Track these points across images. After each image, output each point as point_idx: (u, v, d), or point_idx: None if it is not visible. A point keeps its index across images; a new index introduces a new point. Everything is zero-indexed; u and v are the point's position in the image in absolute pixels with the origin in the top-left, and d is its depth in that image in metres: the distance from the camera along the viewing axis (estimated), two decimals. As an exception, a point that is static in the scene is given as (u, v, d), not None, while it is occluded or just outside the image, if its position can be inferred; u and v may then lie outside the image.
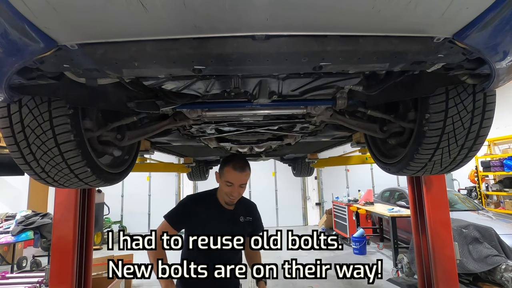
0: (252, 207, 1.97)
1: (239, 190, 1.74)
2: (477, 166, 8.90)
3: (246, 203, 1.96)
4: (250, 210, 1.92)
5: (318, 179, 11.44)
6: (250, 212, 1.91)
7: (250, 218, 1.88)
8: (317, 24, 0.74)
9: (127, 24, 0.71)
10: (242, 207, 1.89)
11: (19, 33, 0.68)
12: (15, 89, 0.97)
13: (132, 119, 1.55)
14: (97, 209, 4.77)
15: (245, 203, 1.94)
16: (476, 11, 0.69)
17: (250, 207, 1.95)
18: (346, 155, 4.34)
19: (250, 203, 2.00)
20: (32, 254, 6.29)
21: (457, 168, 1.49)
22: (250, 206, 1.97)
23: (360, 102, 1.53)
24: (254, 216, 1.91)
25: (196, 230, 1.71)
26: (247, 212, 1.89)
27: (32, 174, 1.32)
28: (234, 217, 1.83)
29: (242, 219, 1.84)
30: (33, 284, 4.05)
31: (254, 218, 1.90)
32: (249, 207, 1.94)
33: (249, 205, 1.97)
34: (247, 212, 1.89)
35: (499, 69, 0.88)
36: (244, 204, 1.92)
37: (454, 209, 6.01)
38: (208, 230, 1.68)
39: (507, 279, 3.82)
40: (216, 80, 1.21)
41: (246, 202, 1.97)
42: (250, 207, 1.95)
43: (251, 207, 1.96)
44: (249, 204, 1.97)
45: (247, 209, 1.91)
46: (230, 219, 1.80)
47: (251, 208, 1.95)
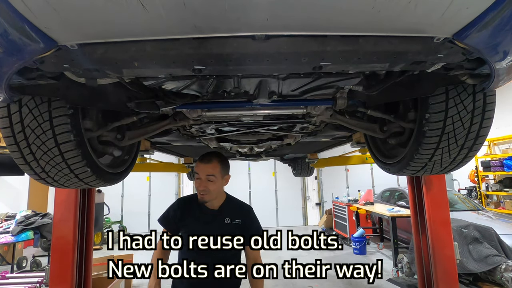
0: (244, 209, 1.83)
1: (206, 184, 1.65)
2: (477, 166, 8.90)
3: (237, 205, 1.84)
4: (241, 213, 1.78)
5: (318, 179, 11.44)
6: (240, 214, 1.77)
7: (239, 221, 1.74)
8: (317, 24, 0.74)
9: (127, 24, 0.71)
10: (231, 209, 1.78)
11: (19, 33, 0.68)
12: (15, 89, 0.97)
13: (132, 119, 1.55)
14: (97, 209, 4.77)
15: (235, 205, 1.83)
16: (476, 11, 0.69)
17: (241, 210, 1.81)
18: (346, 155, 4.34)
19: (243, 206, 1.86)
20: (32, 254, 6.29)
21: (457, 168, 1.49)
22: (242, 208, 1.83)
23: (360, 102, 1.54)
24: (245, 219, 1.76)
25: (182, 231, 1.72)
26: (236, 215, 1.76)
27: (32, 174, 1.32)
28: (217, 218, 1.73)
29: (228, 220, 1.73)
30: (33, 284, 4.05)
31: (245, 221, 1.75)
32: (240, 210, 1.81)
33: (241, 208, 1.83)
34: (236, 214, 1.76)
35: (499, 69, 0.88)
36: (234, 206, 1.81)
37: (454, 209, 6.01)
38: (191, 230, 1.67)
39: (507, 279, 3.82)
40: (216, 80, 1.21)
41: (238, 205, 1.84)
42: (241, 210, 1.81)
43: (243, 210, 1.82)
44: (241, 207, 1.84)
45: (237, 212, 1.78)
46: (211, 221, 1.72)
47: (243, 210, 1.81)
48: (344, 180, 11.55)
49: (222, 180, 1.72)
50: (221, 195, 1.79)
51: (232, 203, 1.82)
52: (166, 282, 1.66)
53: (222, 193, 1.80)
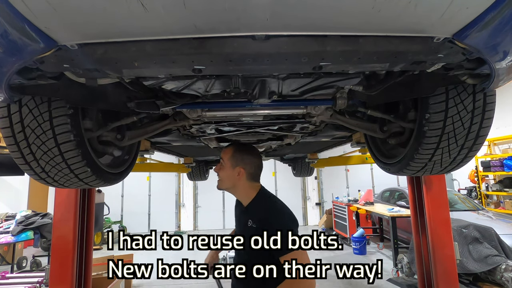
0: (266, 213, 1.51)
1: (218, 168, 1.66)
2: (477, 166, 8.91)
3: (263, 206, 1.57)
4: (262, 217, 1.50)
5: (318, 179, 11.44)
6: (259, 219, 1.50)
7: (255, 226, 1.50)
8: (317, 24, 0.74)
9: (127, 24, 0.71)
10: (255, 209, 1.56)
11: (19, 33, 0.68)
12: (15, 89, 0.97)
13: (132, 119, 1.55)
14: (97, 209, 4.76)
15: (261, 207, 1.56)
16: (476, 11, 0.69)
17: (264, 213, 1.52)
18: (346, 155, 4.34)
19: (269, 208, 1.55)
20: (32, 254, 6.30)
21: (457, 168, 1.49)
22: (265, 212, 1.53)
23: (360, 102, 1.54)
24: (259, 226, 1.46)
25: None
26: (257, 218, 1.51)
27: (32, 174, 1.32)
28: (243, 217, 1.59)
29: (250, 223, 1.54)
30: (33, 284, 4.06)
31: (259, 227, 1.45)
32: (263, 213, 1.52)
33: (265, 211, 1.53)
34: (257, 217, 1.51)
35: (499, 69, 0.88)
36: (260, 206, 1.57)
37: (454, 209, 6.01)
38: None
39: (507, 279, 3.82)
40: (216, 80, 1.21)
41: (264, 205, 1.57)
42: (264, 213, 1.52)
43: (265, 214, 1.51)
44: (265, 210, 1.54)
45: (260, 214, 1.52)
46: (240, 219, 1.64)
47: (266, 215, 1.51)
48: (344, 180, 11.55)
49: (233, 171, 1.60)
50: (244, 190, 1.63)
51: (261, 203, 1.58)
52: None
53: (247, 188, 1.62)
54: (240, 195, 1.66)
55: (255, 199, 1.61)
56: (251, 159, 1.65)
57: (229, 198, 10.79)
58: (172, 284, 5.06)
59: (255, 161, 1.66)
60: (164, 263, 1.62)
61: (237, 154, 1.63)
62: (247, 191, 1.63)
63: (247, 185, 1.63)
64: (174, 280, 4.59)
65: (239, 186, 1.63)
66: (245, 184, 1.62)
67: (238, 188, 1.64)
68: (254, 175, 1.65)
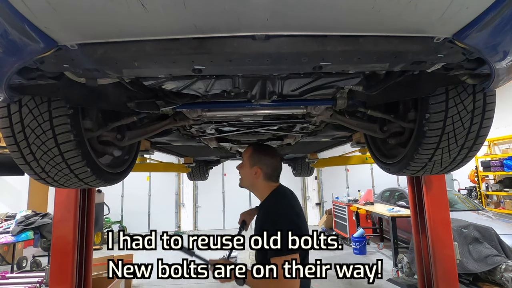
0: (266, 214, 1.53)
1: (239, 167, 1.72)
2: (477, 166, 8.91)
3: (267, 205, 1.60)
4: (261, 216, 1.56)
5: (318, 179, 11.44)
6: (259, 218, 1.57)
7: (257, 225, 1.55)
8: (317, 24, 0.74)
9: (127, 24, 0.71)
10: (262, 208, 1.61)
11: (19, 33, 0.68)
12: (15, 89, 0.97)
13: (132, 119, 1.55)
14: (97, 209, 4.77)
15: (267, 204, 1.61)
16: (476, 11, 0.69)
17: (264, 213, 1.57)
18: (346, 155, 4.34)
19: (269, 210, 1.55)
20: (32, 254, 6.29)
21: (457, 168, 1.49)
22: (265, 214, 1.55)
23: (360, 102, 1.54)
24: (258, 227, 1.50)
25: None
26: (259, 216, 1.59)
27: (32, 174, 1.32)
28: (257, 218, 1.62)
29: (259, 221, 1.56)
30: (33, 284, 4.06)
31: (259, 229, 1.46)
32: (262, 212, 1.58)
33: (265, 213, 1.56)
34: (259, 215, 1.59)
35: (499, 69, 0.88)
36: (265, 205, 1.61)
37: (454, 209, 6.01)
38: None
39: (507, 279, 3.82)
40: (216, 80, 1.21)
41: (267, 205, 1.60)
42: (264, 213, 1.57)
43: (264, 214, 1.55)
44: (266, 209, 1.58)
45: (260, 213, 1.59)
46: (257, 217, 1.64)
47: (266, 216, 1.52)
48: (344, 180, 11.55)
49: (250, 170, 1.65)
50: (260, 189, 1.66)
51: (268, 203, 1.61)
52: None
53: (263, 188, 1.65)
54: (258, 193, 1.71)
55: (267, 198, 1.64)
56: (268, 160, 1.69)
57: (229, 198, 10.80)
58: (172, 284, 5.06)
59: (273, 162, 1.70)
60: (164, 263, 1.61)
61: (255, 154, 1.69)
62: (263, 190, 1.67)
63: (264, 185, 1.67)
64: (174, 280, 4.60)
65: (257, 185, 1.69)
66: (262, 183, 1.67)
67: (256, 187, 1.70)
68: (271, 175, 1.69)
